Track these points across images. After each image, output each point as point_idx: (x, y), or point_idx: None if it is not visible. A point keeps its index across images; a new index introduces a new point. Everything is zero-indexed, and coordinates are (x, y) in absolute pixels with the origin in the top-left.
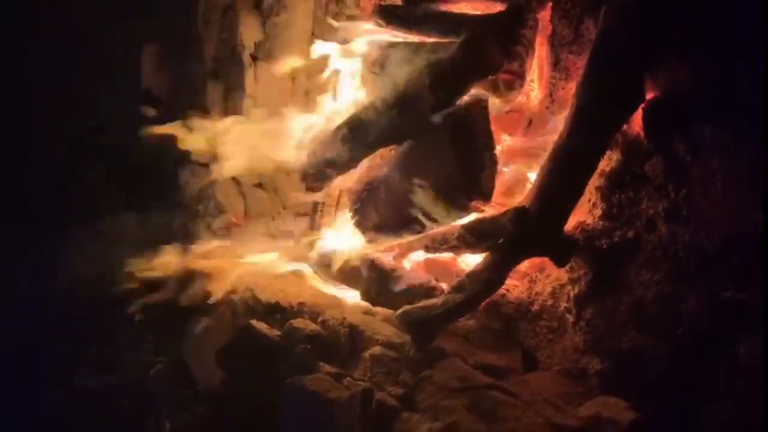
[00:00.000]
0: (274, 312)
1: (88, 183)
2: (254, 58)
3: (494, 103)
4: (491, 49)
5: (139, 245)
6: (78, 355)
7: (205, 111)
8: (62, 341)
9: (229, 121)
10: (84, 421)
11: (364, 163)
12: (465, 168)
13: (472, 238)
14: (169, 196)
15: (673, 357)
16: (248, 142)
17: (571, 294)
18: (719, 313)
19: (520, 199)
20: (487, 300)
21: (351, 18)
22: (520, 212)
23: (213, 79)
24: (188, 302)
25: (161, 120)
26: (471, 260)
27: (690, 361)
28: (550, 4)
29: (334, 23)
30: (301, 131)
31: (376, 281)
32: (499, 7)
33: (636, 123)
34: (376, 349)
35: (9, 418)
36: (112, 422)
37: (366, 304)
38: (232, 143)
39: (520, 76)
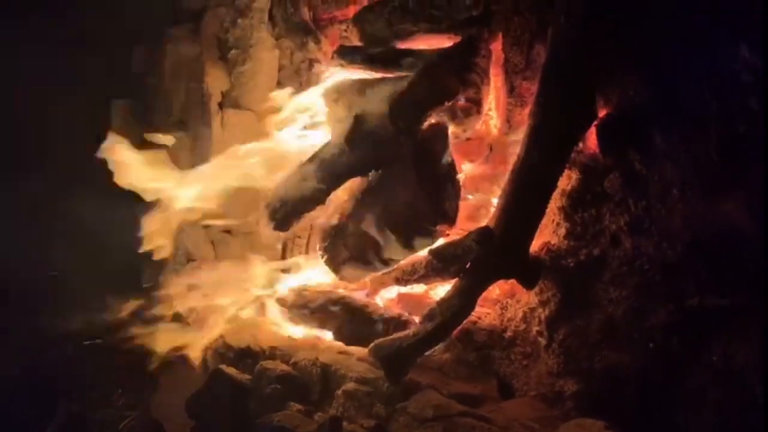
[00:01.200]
0: (245, 357)
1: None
2: (221, 106)
3: (454, 131)
4: (447, 76)
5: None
6: (46, 414)
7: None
8: (30, 400)
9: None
10: None
11: (332, 200)
12: (429, 194)
13: (440, 263)
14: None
15: (647, 372)
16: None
17: (542, 317)
18: (688, 322)
19: (484, 223)
20: (460, 329)
21: (314, 61)
22: (484, 232)
23: (179, 129)
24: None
25: None
26: (442, 292)
27: (665, 374)
28: (501, 34)
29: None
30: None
31: (349, 320)
32: (454, 40)
33: (592, 141)
34: (350, 385)
35: None
36: None
37: (340, 343)
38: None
39: (477, 103)
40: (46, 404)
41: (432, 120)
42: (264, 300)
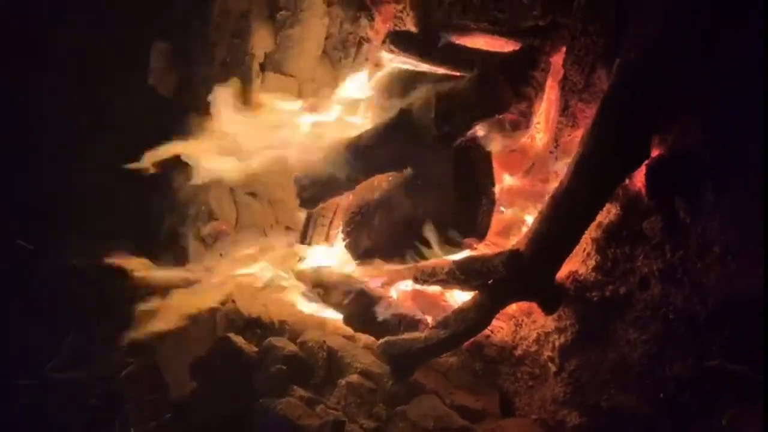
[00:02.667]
0: (254, 327)
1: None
2: (262, 68)
3: (498, 141)
4: (502, 87)
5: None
6: (51, 345)
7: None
8: (37, 328)
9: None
10: (50, 415)
11: (362, 186)
12: (462, 203)
13: (462, 275)
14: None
15: (654, 420)
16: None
17: (556, 343)
18: (705, 382)
19: (514, 241)
20: (472, 340)
21: (364, 39)
22: (514, 256)
23: (221, 83)
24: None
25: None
26: (458, 296)
27: (670, 426)
28: (564, 48)
29: None
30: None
31: (361, 307)
32: (513, 47)
33: (638, 179)
34: (353, 378)
35: None
36: (78, 419)
37: (348, 328)
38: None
39: (527, 118)
40: (52, 336)
41: (478, 129)
42: (280, 271)
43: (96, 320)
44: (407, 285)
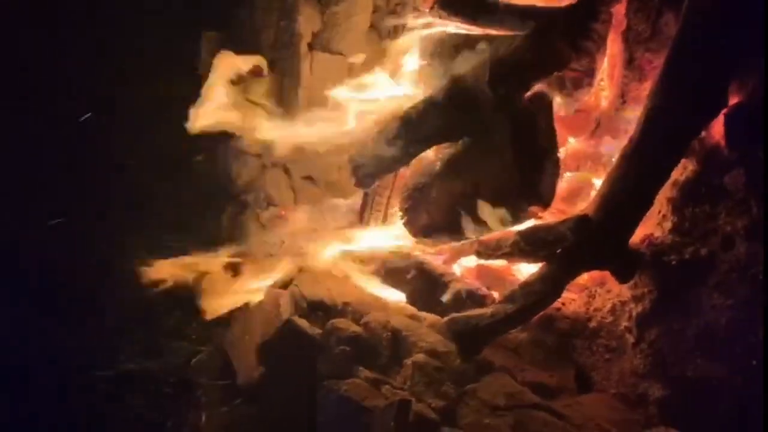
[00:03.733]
0: (317, 310)
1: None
2: (311, 47)
3: (560, 102)
4: (559, 43)
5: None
6: (122, 338)
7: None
8: (109, 323)
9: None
10: (124, 405)
11: (417, 160)
12: (524, 171)
13: (528, 246)
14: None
15: (744, 390)
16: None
17: (634, 313)
18: None
19: (582, 206)
20: (542, 314)
21: (413, 8)
22: (582, 221)
23: (269, 69)
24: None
25: None
26: (526, 269)
27: (764, 396)
28: None
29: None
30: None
31: (424, 285)
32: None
33: (716, 130)
34: (419, 357)
35: (51, 396)
36: (152, 408)
37: (412, 308)
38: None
39: (590, 74)
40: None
41: (536, 89)
42: (341, 253)
43: (164, 311)
44: (470, 261)
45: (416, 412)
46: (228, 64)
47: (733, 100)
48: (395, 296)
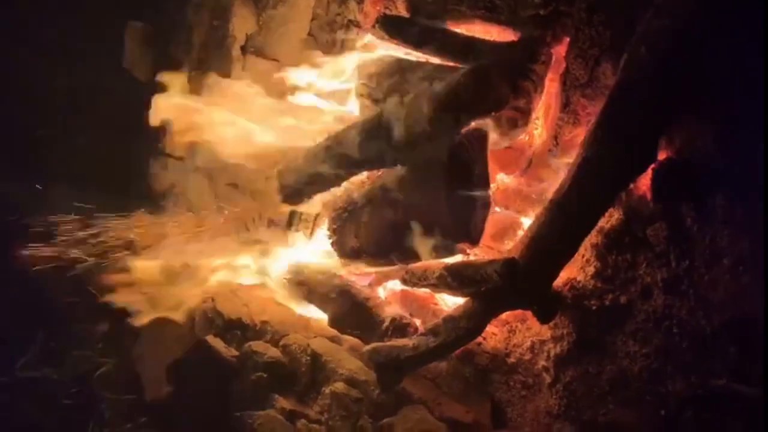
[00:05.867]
0: (235, 328)
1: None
2: (244, 50)
3: (495, 140)
4: (499, 83)
5: None
6: (23, 343)
7: None
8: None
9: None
10: (22, 414)
11: (349, 182)
12: (456, 208)
13: (454, 282)
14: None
15: None
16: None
17: (552, 353)
18: (709, 402)
19: (509, 244)
20: (463, 348)
21: (352, 23)
22: (509, 264)
23: (198, 69)
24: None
25: None
26: (449, 299)
27: (764, 395)
28: (567, 39)
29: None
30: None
31: (347, 308)
32: (512, 36)
33: (643, 183)
34: (338, 386)
35: None
36: (51, 419)
37: (333, 330)
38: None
39: (525, 114)
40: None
41: (474, 127)
42: (262, 269)
43: (69, 316)
44: (395, 285)
45: None
46: None
47: (662, 156)
48: (317, 316)
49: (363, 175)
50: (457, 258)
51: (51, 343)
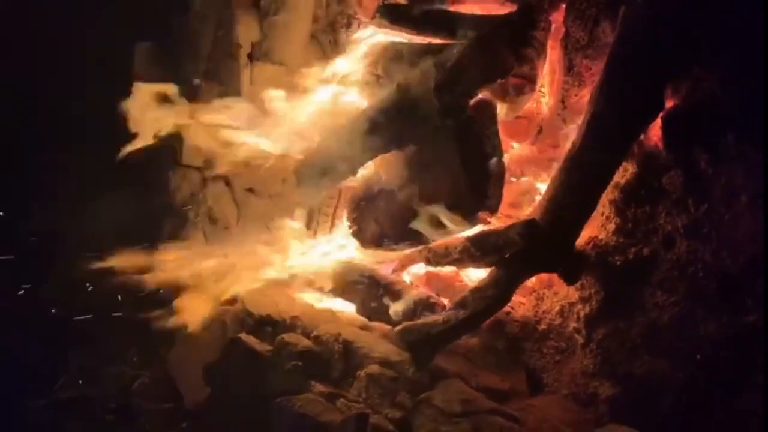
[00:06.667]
0: (266, 325)
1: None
2: (251, 58)
3: (503, 108)
4: (501, 51)
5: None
6: (59, 366)
7: None
8: (44, 350)
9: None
10: None
11: (365, 170)
12: (471, 177)
13: (477, 251)
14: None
15: (690, 384)
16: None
17: (581, 314)
18: (742, 339)
19: (528, 211)
20: (492, 319)
21: (353, 18)
22: (529, 226)
23: (207, 78)
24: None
25: None
26: (474, 275)
27: (708, 388)
28: (564, 5)
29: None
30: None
31: (374, 295)
32: (509, 8)
33: (654, 133)
34: (373, 368)
35: None
36: None
37: (363, 318)
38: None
39: (531, 80)
40: (58, 354)
41: (480, 96)
42: (287, 266)
43: (103, 334)
44: (419, 269)
45: (373, 424)
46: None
47: (669, 104)
48: (345, 308)
49: (377, 164)
50: (478, 229)
51: (87, 361)
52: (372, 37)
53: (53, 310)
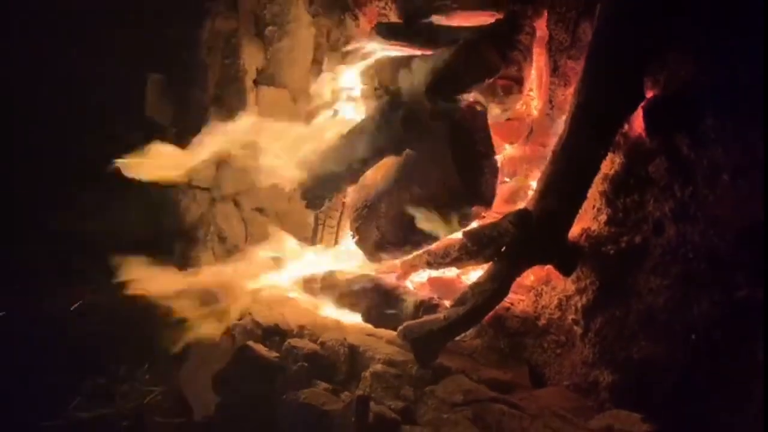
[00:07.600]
0: (273, 335)
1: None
2: (256, 83)
3: (493, 110)
4: (488, 51)
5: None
6: (73, 386)
7: None
8: (57, 371)
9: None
10: None
11: (364, 180)
12: (465, 174)
13: (474, 246)
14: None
15: (688, 364)
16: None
17: (579, 305)
18: (735, 315)
19: (522, 205)
20: (492, 315)
21: (351, 38)
22: (522, 214)
23: (216, 105)
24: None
25: None
26: (474, 277)
27: (707, 367)
28: (546, 11)
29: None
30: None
31: (379, 302)
32: (496, 18)
33: (638, 124)
34: (377, 367)
35: None
36: None
37: (368, 326)
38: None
39: (519, 82)
40: (72, 377)
41: (471, 98)
42: (293, 279)
43: (115, 354)
44: (422, 276)
45: (376, 413)
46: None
47: (649, 94)
48: (351, 318)
49: (376, 173)
50: (474, 225)
51: (100, 380)
52: (369, 53)
53: (68, 329)
